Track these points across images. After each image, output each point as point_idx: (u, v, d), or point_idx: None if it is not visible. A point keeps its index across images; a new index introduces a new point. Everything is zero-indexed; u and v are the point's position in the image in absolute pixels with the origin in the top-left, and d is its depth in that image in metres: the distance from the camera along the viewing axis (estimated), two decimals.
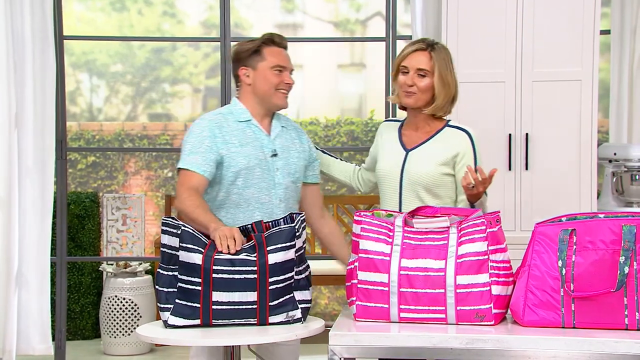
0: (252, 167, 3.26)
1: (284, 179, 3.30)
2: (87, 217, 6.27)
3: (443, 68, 3.23)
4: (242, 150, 3.26)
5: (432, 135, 3.29)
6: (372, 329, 2.79)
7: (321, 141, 7.09)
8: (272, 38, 3.35)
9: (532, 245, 2.81)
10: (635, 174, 4.57)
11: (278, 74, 3.31)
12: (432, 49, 3.25)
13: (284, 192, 3.30)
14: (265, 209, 3.27)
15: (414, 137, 3.31)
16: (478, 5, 4.45)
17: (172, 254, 2.97)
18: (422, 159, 3.26)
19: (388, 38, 5.10)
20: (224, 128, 3.27)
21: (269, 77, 3.30)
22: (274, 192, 3.28)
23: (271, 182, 3.28)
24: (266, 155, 3.29)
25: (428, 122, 3.30)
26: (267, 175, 3.28)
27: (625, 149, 4.63)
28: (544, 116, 4.44)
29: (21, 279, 4.87)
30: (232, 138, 3.27)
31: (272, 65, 3.31)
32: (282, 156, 3.32)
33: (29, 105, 4.86)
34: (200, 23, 7.57)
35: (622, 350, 2.61)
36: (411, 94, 3.24)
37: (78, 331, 6.25)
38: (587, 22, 4.40)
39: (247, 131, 3.30)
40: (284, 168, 3.31)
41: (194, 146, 3.24)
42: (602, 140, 5.56)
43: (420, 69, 3.23)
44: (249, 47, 3.32)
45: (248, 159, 3.26)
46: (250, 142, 3.29)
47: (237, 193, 3.26)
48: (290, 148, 3.36)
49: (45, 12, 4.86)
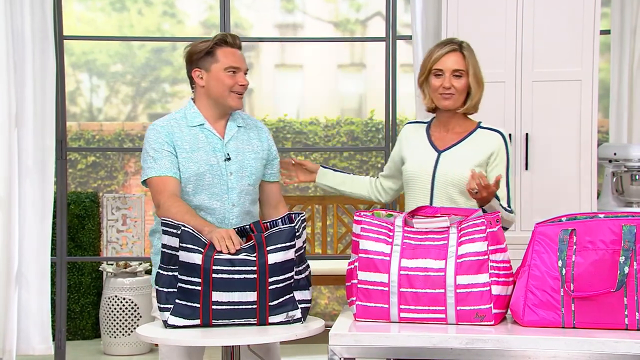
0: (202, 173, 3.23)
1: (238, 183, 3.26)
2: (87, 217, 6.28)
3: (476, 66, 3.25)
4: (192, 156, 3.23)
5: (465, 137, 3.27)
6: (372, 329, 2.79)
7: (321, 141, 7.08)
8: (224, 39, 3.27)
9: (532, 245, 2.81)
10: (635, 174, 4.57)
11: (232, 75, 3.25)
12: (463, 49, 3.25)
13: (238, 196, 3.26)
14: (217, 214, 3.24)
15: (445, 139, 3.30)
16: (478, 5, 4.45)
17: (172, 254, 2.97)
18: (456, 160, 3.24)
19: (388, 38, 5.10)
20: (175, 134, 3.24)
21: (223, 79, 3.24)
22: (226, 197, 3.25)
23: (224, 187, 3.25)
24: (219, 160, 3.25)
25: (460, 122, 3.30)
26: (218, 181, 3.24)
27: (625, 149, 4.63)
28: (544, 116, 4.44)
29: (21, 279, 4.87)
30: (183, 144, 3.23)
31: (225, 67, 3.24)
32: (237, 159, 3.27)
33: (29, 105, 4.86)
34: (200, 23, 7.57)
35: (622, 350, 2.61)
36: (450, 95, 3.23)
37: (78, 331, 6.25)
38: (587, 22, 4.40)
39: (200, 136, 3.26)
40: (239, 172, 3.27)
41: (157, 152, 3.21)
42: (602, 140, 5.56)
43: (456, 70, 3.23)
44: (201, 48, 3.25)
45: (198, 165, 3.22)
46: (202, 147, 3.25)
47: (187, 200, 3.22)
48: (246, 149, 3.31)
49: (45, 12, 4.86)
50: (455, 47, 3.25)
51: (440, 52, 3.25)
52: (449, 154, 3.26)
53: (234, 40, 3.27)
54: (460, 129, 3.30)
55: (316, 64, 7.51)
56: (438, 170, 3.25)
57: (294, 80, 7.62)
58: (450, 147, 3.27)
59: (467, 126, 3.30)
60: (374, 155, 7.20)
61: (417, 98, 4.93)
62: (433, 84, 3.25)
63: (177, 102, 7.48)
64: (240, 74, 3.26)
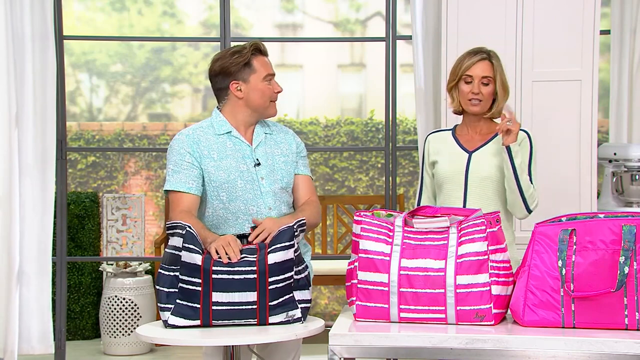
0: (234, 180, 3.24)
1: (271, 186, 3.28)
2: (87, 217, 6.27)
3: (502, 74, 3.42)
4: (221, 164, 3.24)
5: (492, 137, 3.42)
6: (372, 329, 2.79)
7: (321, 141, 7.08)
8: (258, 47, 3.29)
9: (532, 245, 2.81)
10: (635, 174, 4.57)
11: (268, 84, 3.29)
12: (491, 57, 3.42)
13: (273, 199, 3.28)
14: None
15: (473, 140, 3.45)
16: (478, 5, 4.45)
17: (176, 254, 2.97)
18: (487, 158, 3.39)
19: (388, 38, 5.10)
20: (201, 143, 3.26)
21: (263, 90, 3.27)
22: (261, 202, 3.26)
23: (257, 192, 3.26)
24: (249, 166, 3.27)
25: (487, 125, 3.45)
26: (251, 186, 3.25)
27: (625, 149, 4.63)
28: (543, 116, 4.43)
29: (22, 278, 4.87)
30: (210, 152, 3.25)
31: (263, 76, 3.27)
32: (267, 164, 3.29)
33: (29, 105, 4.86)
34: (200, 23, 7.57)
35: (622, 350, 2.61)
36: (478, 101, 3.39)
37: (78, 331, 6.25)
38: (587, 22, 4.39)
39: (227, 143, 3.28)
40: (270, 175, 3.28)
41: (177, 164, 3.24)
42: (602, 140, 5.56)
43: (484, 77, 3.38)
44: (238, 60, 3.26)
45: (228, 172, 3.24)
46: (230, 154, 3.26)
47: (223, 208, 3.24)
48: (275, 153, 3.33)
49: (45, 12, 4.86)
50: (485, 56, 3.41)
51: (471, 61, 3.41)
52: (479, 154, 3.41)
53: (265, 48, 3.32)
54: (487, 131, 3.45)
55: (316, 64, 7.51)
56: (470, 168, 3.39)
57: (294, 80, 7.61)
58: (479, 148, 3.42)
59: (492, 127, 3.44)
60: (374, 155, 7.19)
61: (417, 98, 4.93)
62: (462, 89, 3.40)
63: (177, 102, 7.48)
64: (274, 80, 3.31)
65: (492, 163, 3.37)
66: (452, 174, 3.41)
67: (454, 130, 3.51)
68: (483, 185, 3.37)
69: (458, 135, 3.49)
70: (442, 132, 3.55)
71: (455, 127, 3.52)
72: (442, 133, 3.54)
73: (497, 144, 3.39)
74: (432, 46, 4.89)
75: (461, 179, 3.39)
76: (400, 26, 5.23)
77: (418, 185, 3.56)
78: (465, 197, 3.38)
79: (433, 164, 3.48)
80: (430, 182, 3.51)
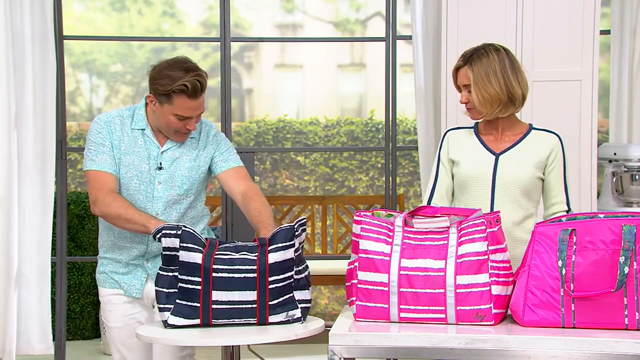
0: (130, 178, 3.23)
1: (165, 193, 3.25)
2: (87, 217, 6.27)
3: (479, 79, 3.23)
4: (125, 159, 3.24)
5: (520, 139, 3.31)
6: (372, 329, 2.79)
7: (321, 141, 7.09)
8: (185, 91, 3.11)
9: (532, 245, 2.81)
10: (635, 174, 4.57)
11: (181, 120, 3.18)
12: (472, 61, 3.26)
13: (164, 205, 3.25)
14: None
15: (499, 142, 3.32)
16: (478, 5, 4.45)
17: (173, 255, 2.97)
18: (516, 161, 3.27)
19: (388, 38, 5.10)
20: (115, 132, 3.25)
21: (170, 122, 3.18)
22: (150, 206, 3.24)
23: (150, 196, 3.25)
24: (150, 167, 3.25)
25: (510, 126, 3.33)
26: (144, 188, 3.24)
27: (625, 149, 4.63)
28: (543, 116, 4.43)
29: (21, 278, 4.87)
30: (120, 144, 3.24)
31: (175, 113, 3.16)
32: (169, 169, 3.26)
33: (29, 105, 4.86)
34: (200, 23, 7.57)
35: (622, 350, 2.61)
36: (470, 109, 3.29)
37: (78, 331, 6.26)
38: (587, 22, 4.39)
39: (139, 140, 3.26)
40: (167, 182, 3.25)
41: (98, 146, 3.23)
42: (602, 140, 5.56)
43: (465, 85, 3.27)
44: (163, 83, 3.11)
45: (127, 169, 3.23)
46: (137, 151, 3.24)
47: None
48: (181, 159, 3.28)
49: (45, 12, 4.86)
50: (461, 64, 3.28)
51: (454, 70, 3.31)
52: (507, 157, 3.28)
53: (195, 94, 3.12)
54: (511, 132, 3.33)
55: (316, 64, 7.52)
56: (498, 172, 3.27)
57: (293, 80, 7.62)
58: (507, 150, 3.30)
59: (518, 129, 3.33)
60: (374, 155, 7.20)
61: (417, 98, 4.93)
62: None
63: None
64: (192, 120, 3.20)
65: (522, 167, 3.26)
66: (478, 174, 3.29)
67: (476, 129, 3.39)
68: (511, 187, 3.26)
69: (482, 134, 3.36)
70: (463, 129, 3.41)
71: (476, 124, 3.40)
72: (463, 131, 3.40)
73: (526, 146, 3.29)
74: (432, 46, 4.89)
75: (488, 181, 3.28)
76: (400, 26, 5.23)
77: (431, 181, 3.40)
78: (492, 198, 3.28)
79: (453, 161, 3.36)
80: (446, 177, 3.38)
